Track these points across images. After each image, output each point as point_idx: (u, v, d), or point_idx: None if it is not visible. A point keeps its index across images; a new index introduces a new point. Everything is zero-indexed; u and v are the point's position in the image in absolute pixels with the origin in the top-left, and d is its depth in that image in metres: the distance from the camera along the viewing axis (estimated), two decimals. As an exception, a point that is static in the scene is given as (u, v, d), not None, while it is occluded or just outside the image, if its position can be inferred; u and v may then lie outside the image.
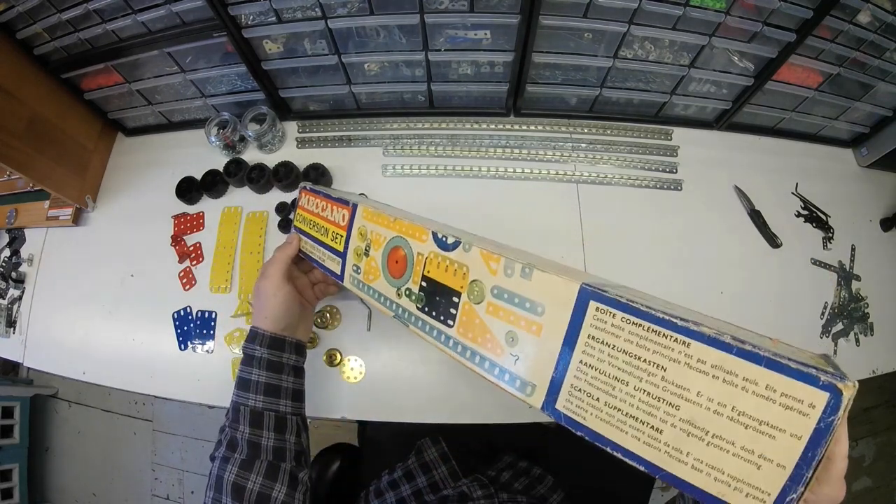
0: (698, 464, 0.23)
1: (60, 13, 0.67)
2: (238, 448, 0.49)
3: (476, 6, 0.63)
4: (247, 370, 0.53)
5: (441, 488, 0.68)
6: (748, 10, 0.63)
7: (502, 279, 0.29)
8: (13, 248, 0.87)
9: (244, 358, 0.54)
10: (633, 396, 0.24)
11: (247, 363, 0.53)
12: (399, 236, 0.36)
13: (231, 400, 0.53)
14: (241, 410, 0.51)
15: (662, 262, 0.75)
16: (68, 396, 1.71)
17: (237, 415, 0.51)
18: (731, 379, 0.23)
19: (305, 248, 0.57)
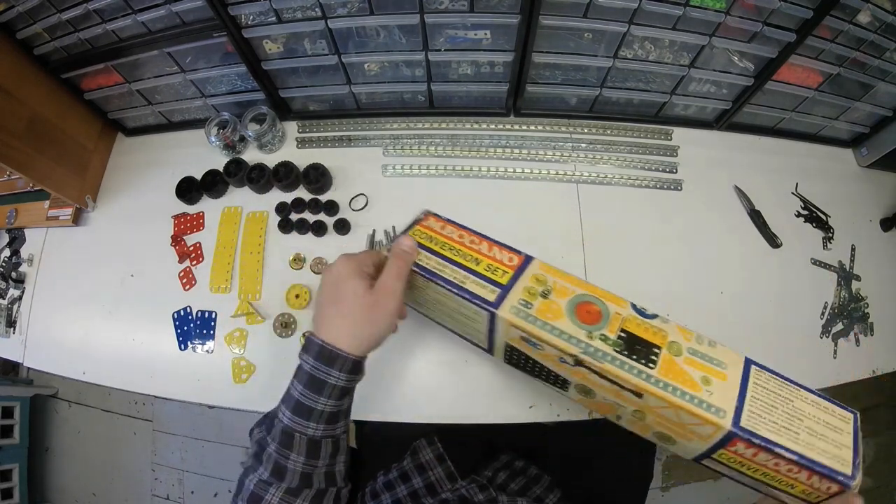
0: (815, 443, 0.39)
1: (60, 13, 0.67)
2: (286, 478, 0.45)
3: (476, 6, 0.63)
4: (312, 397, 0.45)
5: (438, 490, 0.68)
6: (748, 10, 0.63)
7: (695, 345, 0.44)
8: (13, 248, 0.87)
9: (310, 380, 0.45)
10: (782, 416, 0.40)
11: (314, 389, 0.45)
12: (592, 295, 0.47)
13: (279, 421, 0.46)
14: (295, 438, 0.45)
15: (662, 262, 0.75)
16: (68, 396, 1.71)
17: (289, 441, 0.45)
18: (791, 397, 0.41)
19: (425, 263, 0.52)
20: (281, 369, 0.70)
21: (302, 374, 0.46)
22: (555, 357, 0.46)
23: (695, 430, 0.42)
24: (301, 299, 0.72)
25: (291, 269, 0.75)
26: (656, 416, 0.44)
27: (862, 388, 1.54)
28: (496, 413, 0.67)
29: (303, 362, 0.46)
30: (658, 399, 0.41)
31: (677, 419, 0.42)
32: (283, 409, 0.46)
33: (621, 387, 0.43)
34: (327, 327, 0.46)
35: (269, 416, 0.49)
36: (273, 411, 0.48)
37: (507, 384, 0.68)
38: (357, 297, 0.46)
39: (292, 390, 0.46)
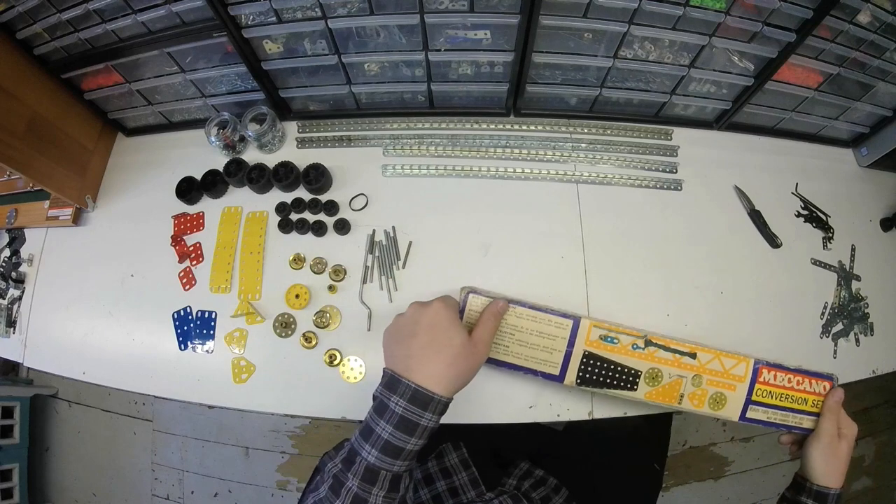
0: None
1: (60, 13, 0.67)
2: None
3: (476, 6, 0.63)
4: (403, 438, 0.45)
5: (459, 494, 0.67)
6: (748, 10, 0.63)
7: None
8: (13, 248, 0.87)
9: (402, 421, 0.46)
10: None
11: (406, 430, 0.46)
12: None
13: (364, 459, 0.45)
14: (381, 475, 0.45)
15: (662, 262, 0.75)
16: (68, 396, 1.71)
17: (374, 478, 0.45)
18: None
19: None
20: (281, 369, 0.71)
21: (392, 415, 0.46)
22: (628, 346, 0.57)
23: (734, 372, 0.57)
24: (301, 299, 0.72)
25: (291, 269, 0.75)
26: (709, 373, 0.57)
27: (862, 388, 1.55)
28: (496, 413, 0.67)
29: (393, 404, 0.46)
30: (705, 352, 0.57)
31: (722, 368, 0.57)
32: (369, 448, 0.46)
33: (681, 353, 0.57)
34: (422, 370, 0.47)
35: (345, 452, 0.48)
36: (348, 448, 0.48)
37: (507, 384, 0.68)
38: (459, 347, 0.49)
39: (380, 430, 0.46)
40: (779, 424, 0.58)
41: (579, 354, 0.58)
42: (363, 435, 0.47)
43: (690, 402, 0.58)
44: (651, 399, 0.58)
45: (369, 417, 0.48)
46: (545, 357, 0.58)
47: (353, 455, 0.47)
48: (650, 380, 0.57)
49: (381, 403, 0.47)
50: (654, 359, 0.58)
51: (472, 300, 0.58)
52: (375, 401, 0.49)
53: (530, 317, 0.58)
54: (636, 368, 0.57)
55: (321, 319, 0.71)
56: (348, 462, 0.47)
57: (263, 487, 1.55)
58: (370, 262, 0.74)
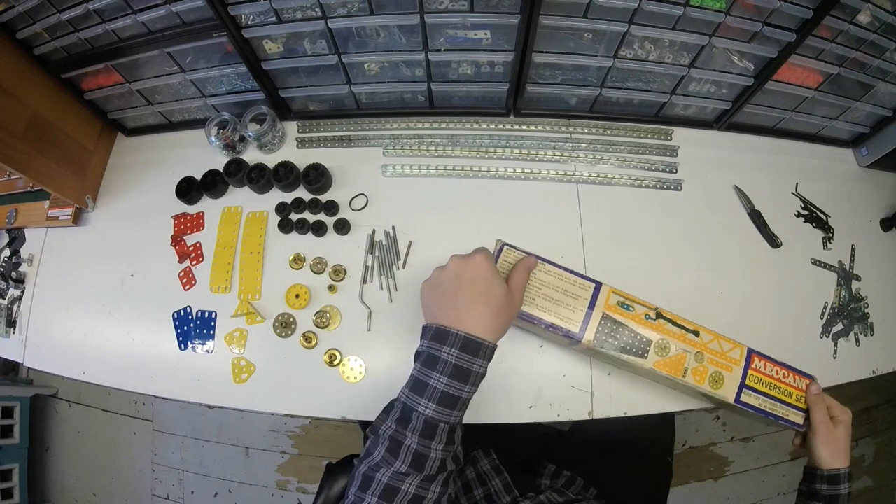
0: None
1: (60, 13, 0.67)
2: (426, 467, 0.46)
3: (476, 6, 0.63)
4: (458, 386, 0.47)
5: (495, 501, 0.67)
6: (748, 10, 0.63)
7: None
8: (13, 248, 0.87)
9: (455, 370, 0.47)
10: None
11: (460, 378, 0.47)
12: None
13: (420, 414, 0.46)
14: (439, 428, 0.46)
15: (662, 262, 0.75)
16: (68, 396, 1.71)
17: (433, 432, 0.46)
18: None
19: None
20: (281, 369, 0.71)
21: (445, 365, 0.47)
22: (641, 316, 0.61)
23: (730, 355, 0.61)
24: (301, 299, 0.72)
25: (291, 269, 0.75)
26: (709, 353, 0.61)
27: (862, 388, 1.55)
28: (497, 413, 0.67)
29: (445, 354, 0.47)
30: (707, 333, 0.61)
31: (720, 350, 0.61)
32: (425, 402, 0.46)
33: (686, 329, 0.61)
34: (471, 321, 0.49)
35: (397, 412, 0.48)
36: (400, 407, 0.48)
37: (507, 384, 0.68)
38: (502, 297, 0.51)
39: (434, 382, 0.47)
40: (768, 413, 0.60)
41: (598, 316, 0.61)
42: (416, 391, 0.47)
43: (693, 377, 0.60)
44: (659, 369, 0.60)
45: (418, 373, 0.48)
46: (568, 315, 0.61)
47: (408, 412, 0.47)
48: (659, 350, 0.60)
49: (431, 356, 0.48)
50: (664, 331, 0.61)
51: (507, 252, 0.62)
52: (421, 356, 0.49)
53: (557, 275, 0.62)
54: (647, 337, 0.61)
55: (321, 319, 0.71)
56: (403, 421, 0.47)
57: (263, 487, 1.55)
58: (370, 262, 0.74)
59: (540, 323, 0.61)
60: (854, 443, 1.53)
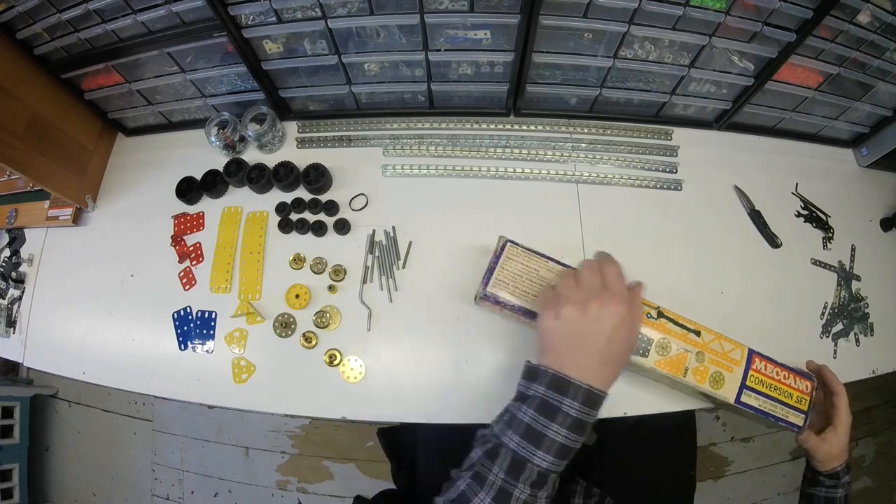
0: None
1: (60, 13, 0.67)
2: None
3: (476, 6, 0.63)
4: (575, 438, 0.45)
5: None
6: (748, 10, 0.63)
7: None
8: (13, 248, 0.87)
9: (575, 424, 0.44)
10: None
11: (579, 431, 0.45)
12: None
13: (537, 466, 0.44)
14: (550, 479, 0.45)
15: (663, 262, 0.75)
16: (68, 396, 1.71)
17: (544, 482, 0.44)
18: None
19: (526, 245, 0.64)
20: (281, 369, 0.71)
21: (566, 417, 0.45)
22: (643, 315, 0.60)
23: (731, 356, 0.61)
24: (301, 299, 0.72)
25: (291, 269, 0.75)
26: (710, 353, 0.61)
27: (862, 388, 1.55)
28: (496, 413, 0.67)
29: (567, 406, 0.45)
30: (708, 333, 0.61)
31: (721, 350, 0.61)
32: (542, 454, 0.44)
33: (687, 329, 0.61)
34: (599, 376, 0.46)
35: (506, 460, 0.45)
36: (511, 456, 0.45)
37: (507, 384, 0.68)
38: (633, 347, 0.51)
39: (553, 434, 0.44)
40: (768, 414, 0.60)
41: None
42: (531, 440, 0.44)
43: (694, 377, 0.60)
44: (660, 368, 0.60)
45: (532, 421, 0.45)
46: None
47: (522, 463, 0.44)
48: (660, 349, 0.60)
49: (549, 405, 0.45)
50: (665, 330, 0.61)
51: (510, 249, 0.63)
52: (533, 402, 0.46)
53: (559, 272, 0.62)
54: (648, 336, 0.61)
55: (321, 319, 0.71)
56: (515, 471, 0.44)
57: (263, 487, 1.55)
58: (370, 262, 0.74)
59: None
60: (854, 443, 1.54)
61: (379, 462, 1.50)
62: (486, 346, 0.69)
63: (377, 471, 1.51)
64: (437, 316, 0.71)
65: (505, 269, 0.62)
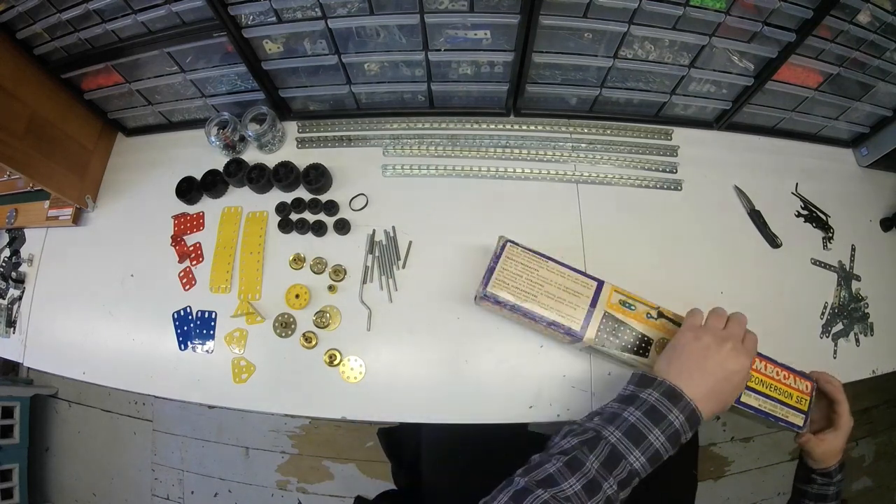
0: None
1: (60, 13, 0.67)
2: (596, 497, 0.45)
3: (476, 6, 0.63)
4: (668, 449, 0.47)
5: None
6: (748, 10, 0.63)
7: None
8: (13, 248, 0.87)
9: (674, 435, 0.47)
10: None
11: (674, 442, 0.48)
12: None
13: (630, 464, 0.46)
14: (634, 481, 0.47)
15: (662, 262, 0.75)
16: (68, 396, 1.71)
17: (629, 482, 0.47)
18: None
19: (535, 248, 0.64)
20: (281, 369, 0.71)
21: (669, 426, 0.48)
22: (643, 314, 0.61)
23: None
24: (301, 299, 0.72)
25: (291, 269, 0.75)
26: None
27: (862, 388, 1.55)
28: (496, 413, 0.67)
29: (673, 416, 0.48)
30: None
31: None
32: (638, 454, 0.47)
33: None
34: (709, 401, 0.50)
35: (604, 452, 0.48)
36: (609, 449, 0.47)
37: (507, 384, 0.68)
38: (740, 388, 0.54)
39: (653, 438, 0.47)
40: (768, 414, 0.60)
41: (600, 315, 0.61)
42: (631, 439, 0.47)
43: None
44: None
45: (637, 422, 0.48)
46: (570, 312, 0.61)
47: (618, 458, 0.47)
48: (660, 349, 0.60)
49: (657, 411, 0.48)
50: (665, 329, 0.61)
51: (510, 249, 0.63)
52: (643, 404, 0.49)
53: (560, 272, 0.63)
54: (648, 336, 0.61)
55: (321, 319, 0.71)
56: (610, 465, 0.46)
57: (263, 487, 1.55)
58: (370, 262, 0.74)
59: (541, 320, 0.61)
60: (854, 443, 1.54)
61: (379, 462, 1.50)
62: (486, 346, 0.69)
63: (377, 471, 1.51)
64: (437, 316, 0.71)
65: (505, 269, 0.62)
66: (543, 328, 0.63)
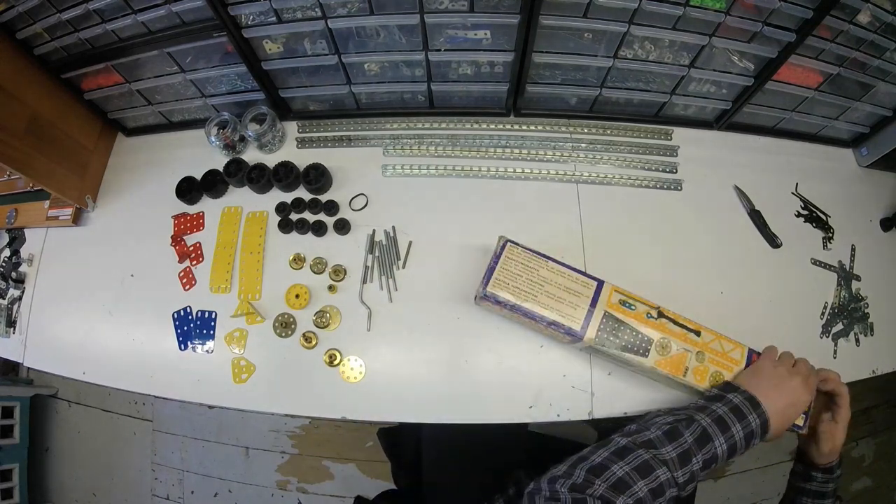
0: None
1: (60, 13, 0.67)
2: (687, 487, 0.51)
3: (476, 6, 0.63)
4: (742, 445, 0.53)
5: None
6: (748, 10, 0.63)
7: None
8: (13, 248, 0.87)
9: (748, 435, 0.53)
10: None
11: (746, 442, 0.53)
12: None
13: (716, 447, 0.52)
14: (711, 467, 0.52)
15: (662, 262, 0.75)
16: (68, 396, 1.71)
17: (708, 466, 0.52)
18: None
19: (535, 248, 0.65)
20: (281, 369, 0.71)
21: (747, 425, 0.54)
22: (643, 314, 0.61)
23: (731, 355, 0.61)
24: (301, 299, 0.72)
25: (291, 269, 0.75)
26: (710, 352, 0.61)
27: (862, 388, 1.54)
28: (496, 413, 0.67)
29: (751, 419, 0.54)
30: (708, 333, 0.62)
31: (721, 349, 0.61)
32: (722, 439, 0.53)
33: (687, 329, 0.61)
34: (778, 418, 0.56)
35: (697, 431, 0.53)
36: (700, 430, 0.53)
37: (507, 384, 0.68)
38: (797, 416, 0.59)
39: (735, 431, 0.53)
40: None
41: (600, 314, 0.61)
42: (720, 427, 0.53)
43: (694, 377, 0.61)
44: (660, 367, 0.60)
45: (725, 415, 0.54)
46: (570, 312, 0.62)
47: (707, 439, 0.52)
48: (660, 349, 0.61)
49: (740, 411, 0.54)
50: (665, 330, 0.61)
51: (510, 249, 0.63)
52: (730, 403, 0.55)
53: (560, 272, 0.63)
54: (648, 336, 0.61)
55: (321, 319, 0.71)
56: (701, 443, 0.52)
57: (263, 487, 1.55)
58: (370, 262, 0.74)
59: (542, 320, 0.61)
60: (854, 443, 1.54)
61: (379, 462, 1.50)
62: (486, 346, 0.69)
63: (377, 471, 1.51)
64: (437, 316, 0.71)
65: (505, 269, 0.62)
66: (544, 328, 0.63)
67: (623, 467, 0.49)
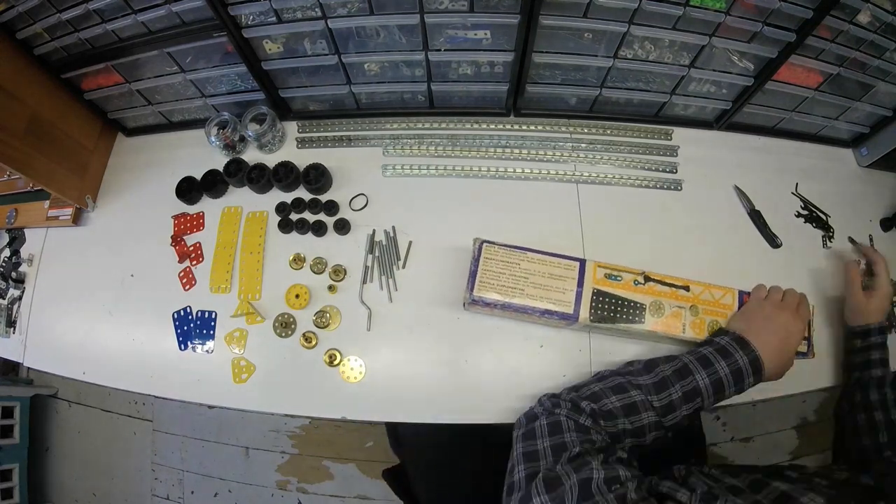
0: None
1: (60, 13, 0.67)
2: (670, 418, 0.54)
3: (476, 6, 0.63)
4: (728, 384, 0.55)
5: None
6: (748, 10, 0.63)
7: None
8: (13, 248, 0.87)
9: (736, 373, 0.55)
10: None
11: (736, 380, 0.55)
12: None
13: (697, 381, 0.54)
14: (693, 403, 0.54)
15: (662, 262, 0.74)
16: (68, 396, 1.71)
17: (688, 400, 0.54)
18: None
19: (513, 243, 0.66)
20: (281, 369, 0.71)
21: (734, 363, 0.56)
22: (630, 282, 0.62)
23: (723, 301, 0.63)
24: (301, 299, 0.72)
25: (291, 269, 0.75)
26: (702, 303, 0.62)
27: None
28: (496, 413, 0.67)
29: (739, 357, 0.56)
30: (696, 285, 0.63)
31: (712, 298, 0.63)
32: (703, 374, 0.55)
33: (676, 287, 0.63)
34: (769, 352, 0.57)
35: (678, 364, 0.56)
36: (680, 365, 0.56)
37: (507, 384, 0.68)
38: (794, 352, 0.60)
39: (719, 368, 0.55)
40: None
41: (589, 293, 0.62)
42: (702, 364, 0.56)
43: (693, 331, 0.62)
44: (658, 329, 0.61)
45: (710, 354, 0.56)
46: (559, 297, 0.62)
47: (688, 372, 0.55)
48: (654, 311, 0.62)
49: (727, 350, 0.57)
50: (655, 292, 0.63)
51: (487, 249, 0.64)
52: (716, 345, 0.58)
53: (541, 261, 0.63)
54: (640, 302, 0.62)
55: (321, 319, 0.71)
56: (680, 375, 0.55)
57: (263, 487, 1.55)
58: (370, 262, 0.74)
59: (534, 312, 0.61)
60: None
61: (379, 462, 1.50)
62: (486, 346, 0.69)
63: (377, 471, 1.51)
64: (437, 316, 0.71)
65: (487, 269, 0.63)
66: (538, 318, 0.63)
67: (599, 385, 0.56)
